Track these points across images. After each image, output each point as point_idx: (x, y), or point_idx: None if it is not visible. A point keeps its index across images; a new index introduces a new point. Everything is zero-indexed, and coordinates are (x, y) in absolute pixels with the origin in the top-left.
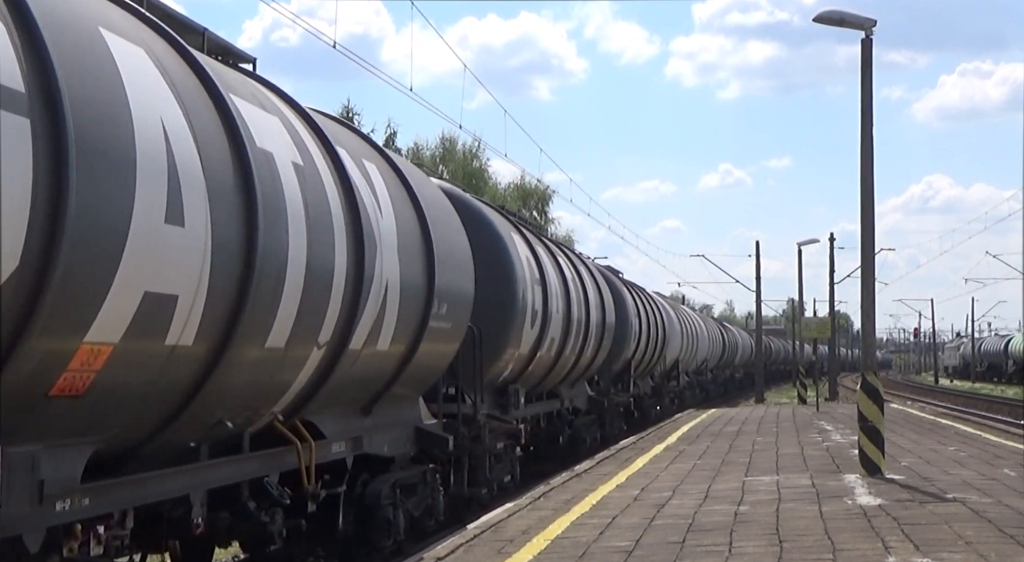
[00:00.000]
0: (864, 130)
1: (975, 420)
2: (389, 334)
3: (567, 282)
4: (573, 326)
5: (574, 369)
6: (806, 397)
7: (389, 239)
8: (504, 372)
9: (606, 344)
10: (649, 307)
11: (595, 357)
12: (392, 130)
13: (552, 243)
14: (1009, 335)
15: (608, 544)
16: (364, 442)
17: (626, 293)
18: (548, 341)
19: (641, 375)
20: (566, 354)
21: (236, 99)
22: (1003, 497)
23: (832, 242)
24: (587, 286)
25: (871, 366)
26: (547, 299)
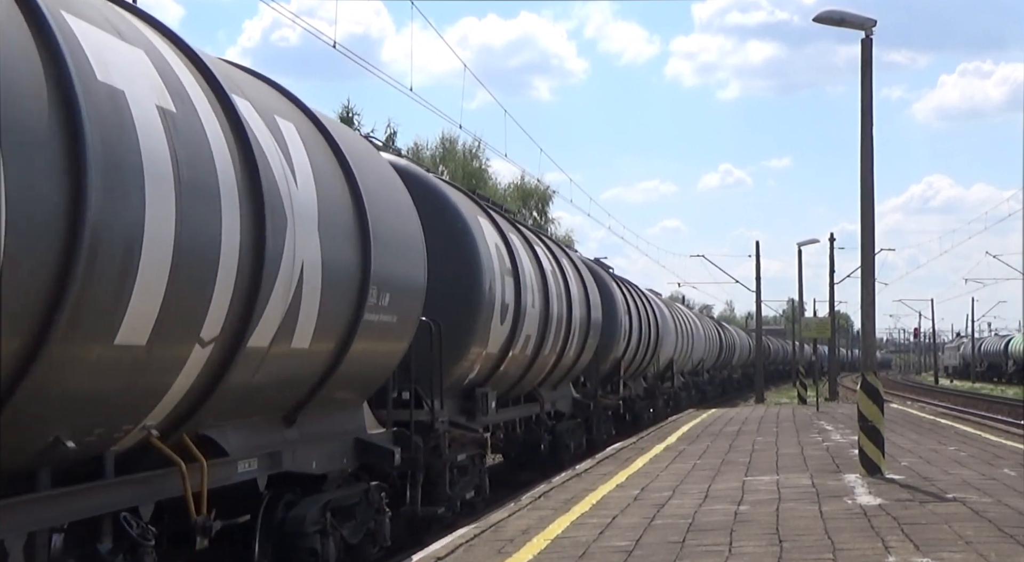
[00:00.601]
0: (864, 130)
1: (975, 420)
2: (308, 329)
3: (546, 275)
4: (552, 323)
5: (555, 370)
6: (806, 397)
7: (306, 213)
8: (470, 374)
9: (592, 343)
10: (641, 304)
11: (579, 357)
12: (392, 130)
13: (531, 231)
14: (1009, 335)
15: (608, 544)
16: (284, 458)
17: (615, 289)
18: (522, 339)
19: (632, 376)
20: (544, 353)
21: (74, 19)
22: (1003, 497)
23: (832, 242)
24: (570, 280)
25: (871, 366)
26: (520, 292)
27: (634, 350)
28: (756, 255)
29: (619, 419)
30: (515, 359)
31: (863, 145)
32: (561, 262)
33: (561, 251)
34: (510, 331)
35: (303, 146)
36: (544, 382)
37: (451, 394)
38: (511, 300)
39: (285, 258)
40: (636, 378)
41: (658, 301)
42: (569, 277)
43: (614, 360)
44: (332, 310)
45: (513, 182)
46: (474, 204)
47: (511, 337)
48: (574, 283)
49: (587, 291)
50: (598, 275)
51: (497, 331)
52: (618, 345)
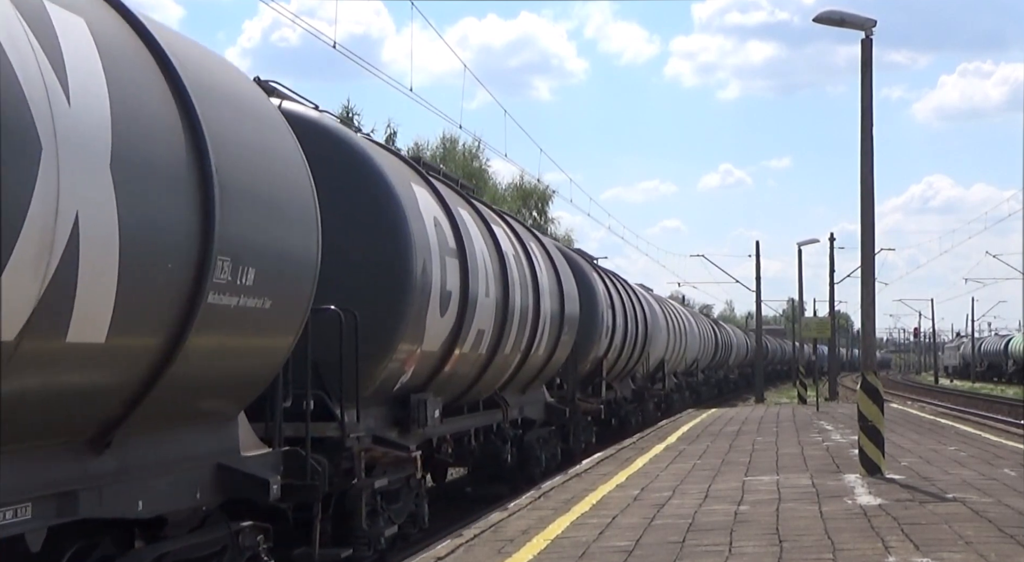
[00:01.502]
0: (864, 130)
1: (975, 420)
2: (102, 315)
3: (505, 259)
4: (514, 315)
5: (521, 371)
6: (806, 397)
7: (85, 143)
8: (401, 376)
9: (567, 340)
10: (627, 299)
11: (552, 356)
12: (392, 130)
13: (491, 208)
14: (1009, 335)
15: (608, 544)
16: (83, 502)
17: (596, 280)
18: (472, 334)
19: (618, 377)
20: (505, 352)
21: None
22: (1003, 497)
23: (832, 242)
24: (539, 267)
25: (871, 366)
26: (468, 277)
27: (618, 349)
28: (756, 255)
29: (605, 424)
30: (464, 358)
31: (863, 145)
32: (528, 246)
33: (530, 234)
34: (455, 324)
35: (95, 50)
36: (508, 385)
37: (377, 402)
38: (455, 287)
39: (40, 212)
40: (623, 379)
41: (648, 296)
42: (538, 264)
43: (595, 360)
44: (147, 289)
45: (513, 182)
46: (410, 169)
47: (456, 331)
48: (544, 271)
49: (560, 281)
50: (575, 264)
51: (436, 324)
52: (599, 343)
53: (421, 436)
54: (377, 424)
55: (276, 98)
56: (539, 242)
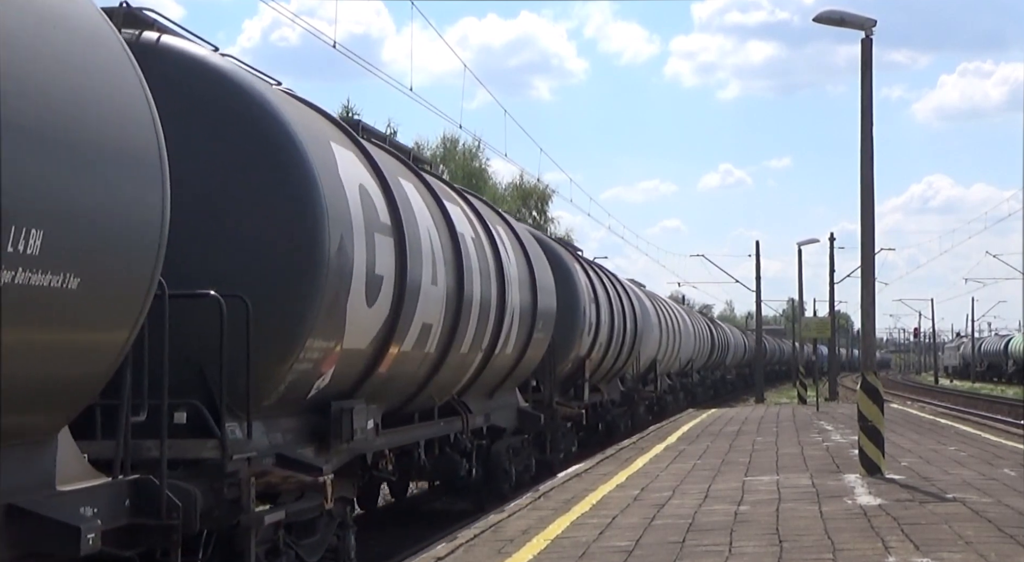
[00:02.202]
0: (864, 130)
1: (975, 420)
2: None
3: (461, 241)
4: (471, 308)
5: (484, 373)
6: (806, 397)
7: None
8: (318, 380)
9: (541, 337)
10: (614, 294)
11: (523, 356)
12: (392, 130)
13: (449, 186)
14: (1009, 335)
15: (608, 544)
16: None
17: (577, 272)
18: (414, 329)
19: (605, 379)
20: (461, 351)
21: None
22: (1003, 497)
23: (832, 242)
24: (505, 253)
25: (871, 366)
26: (408, 260)
27: (604, 347)
28: (756, 255)
29: (591, 429)
30: (406, 358)
31: (863, 145)
32: (494, 230)
33: (497, 217)
34: (389, 317)
35: None
36: (470, 389)
37: (287, 412)
38: (388, 271)
39: None
40: (610, 381)
41: (639, 292)
42: (505, 250)
43: (576, 360)
44: None
45: (513, 182)
46: (335, 128)
47: (391, 326)
48: (513, 258)
49: (533, 271)
50: (553, 253)
51: (362, 316)
52: (581, 341)
53: (346, 452)
54: (288, 439)
55: (155, 32)
56: (508, 226)
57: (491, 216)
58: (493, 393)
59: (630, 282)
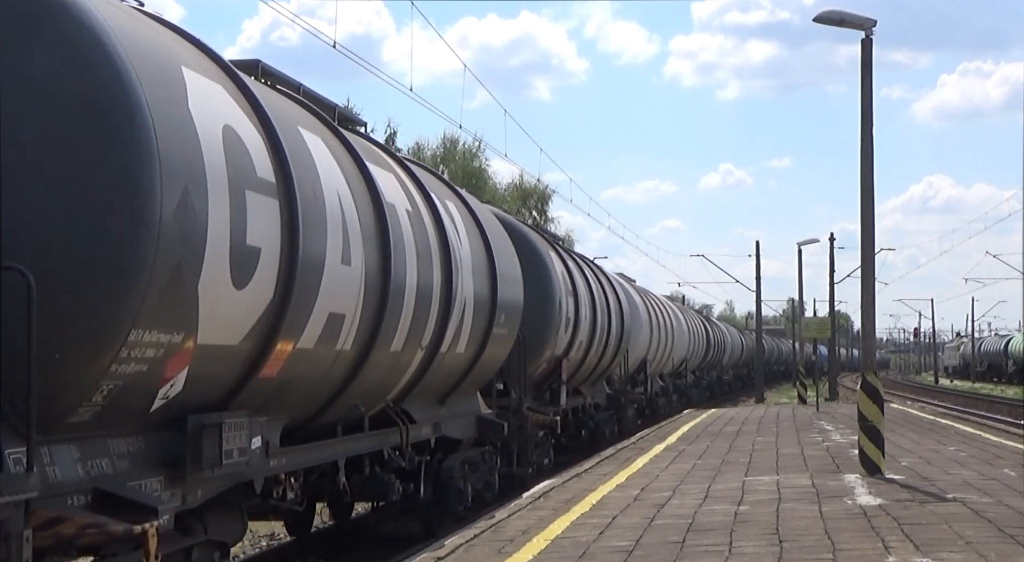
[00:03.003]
0: (864, 130)
1: (975, 420)
2: None
3: (387, 213)
4: (403, 296)
5: (428, 375)
6: (806, 397)
7: None
8: (162, 387)
9: (503, 334)
10: (597, 287)
11: (480, 355)
12: (392, 130)
13: (379, 145)
14: (1009, 335)
15: (608, 544)
16: None
17: (552, 261)
18: (318, 320)
19: (589, 380)
20: (392, 348)
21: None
22: (1003, 497)
23: (832, 242)
24: (455, 232)
25: (871, 366)
26: (299, 229)
27: (584, 346)
28: (756, 255)
29: (573, 436)
30: (305, 357)
31: (863, 145)
32: (440, 204)
33: (447, 190)
34: (274, 303)
35: None
36: (411, 395)
37: (120, 431)
38: (270, 242)
39: None
40: (595, 383)
41: (627, 287)
42: (455, 229)
43: (551, 360)
44: None
45: (513, 182)
46: (199, 54)
47: (279, 314)
48: (466, 240)
49: (493, 256)
50: (522, 238)
51: (226, 301)
52: (556, 338)
53: (218, 481)
54: (122, 468)
55: None
56: (462, 202)
57: (438, 188)
58: (445, 399)
59: (619, 277)
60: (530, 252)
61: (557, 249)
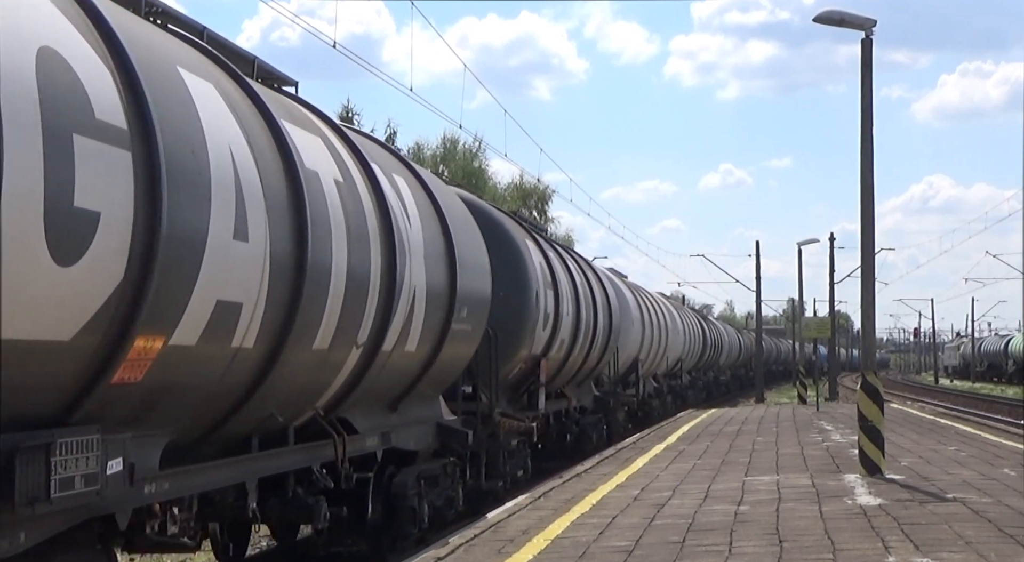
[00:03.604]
0: (864, 130)
1: (975, 420)
2: None
3: (305, 180)
4: (328, 282)
5: (367, 377)
6: (806, 397)
7: None
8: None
9: (465, 330)
10: (582, 281)
11: (437, 354)
12: (392, 130)
13: (308, 106)
14: (1009, 335)
15: (608, 544)
16: None
17: (527, 251)
18: (198, 310)
19: (573, 381)
20: (315, 345)
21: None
22: (1003, 497)
23: (832, 242)
24: (399, 208)
25: (871, 366)
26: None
27: (567, 345)
28: (756, 255)
29: (558, 440)
30: (187, 356)
31: (863, 145)
32: (383, 176)
33: (396, 161)
34: (123, 286)
35: None
36: (348, 400)
37: None
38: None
39: None
40: (581, 384)
41: (617, 282)
42: (401, 207)
43: (528, 359)
44: None
45: (513, 182)
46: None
47: (132, 302)
48: (416, 220)
49: (451, 240)
50: (491, 222)
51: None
52: (533, 336)
53: (46, 522)
54: None
55: None
56: (414, 177)
57: (385, 160)
58: (396, 405)
59: (609, 271)
60: (502, 239)
61: (536, 238)
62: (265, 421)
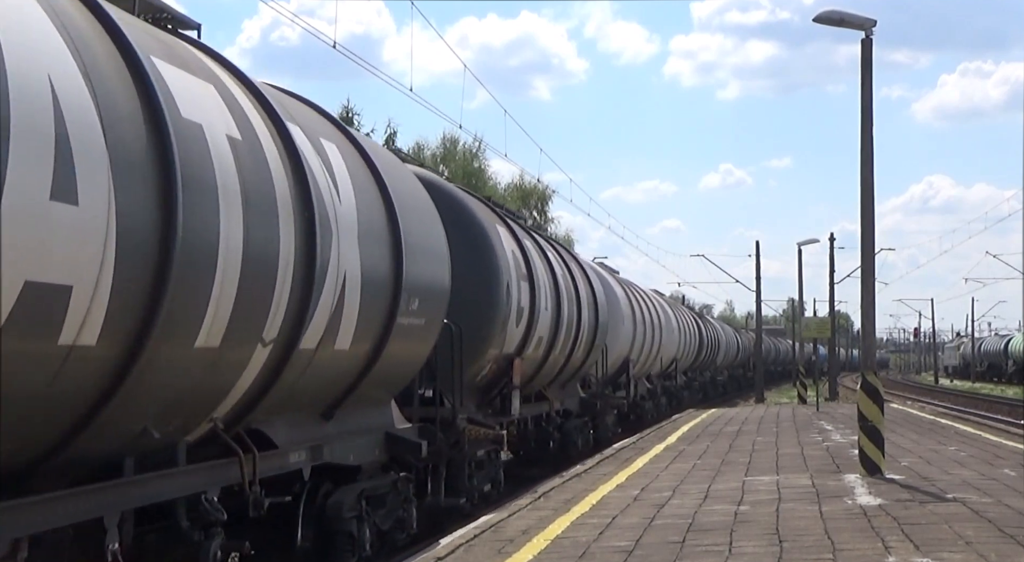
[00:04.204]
0: (864, 130)
1: (975, 420)
2: None
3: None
4: (206, 261)
5: (282, 382)
6: (806, 397)
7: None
8: None
9: (415, 324)
10: (564, 273)
11: (379, 352)
12: (392, 130)
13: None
14: (1009, 335)
15: (608, 544)
16: None
17: (497, 237)
18: None
19: (556, 383)
20: (198, 343)
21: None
22: (1003, 497)
23: (832, 242)
24: (326, 181)
25: (871, 366)
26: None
27: (546, 342)
28: (756, 255)
29: (541, 446)
30: None
31: (863, 145)
32: (302, 135)
33: (327, 125)
34: None
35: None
36: (258, 409)
37: None
38: None
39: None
40: (565, 385)
41: (606, 276)
42: (325, 172)
43: (499, 359)
44: None
45: (513, 182)
46: None
47: None
48: (344, 192)
49: (395, 218)
50: (452, 201)
51: None
52: (506, 332)
53: None
54: None
55: None
56: (352, 143)
57: (308, 119)
58: (332, 412)
59: (599, 266)
60: (466, 223)
61: (510, 224)
62: (138, 438)
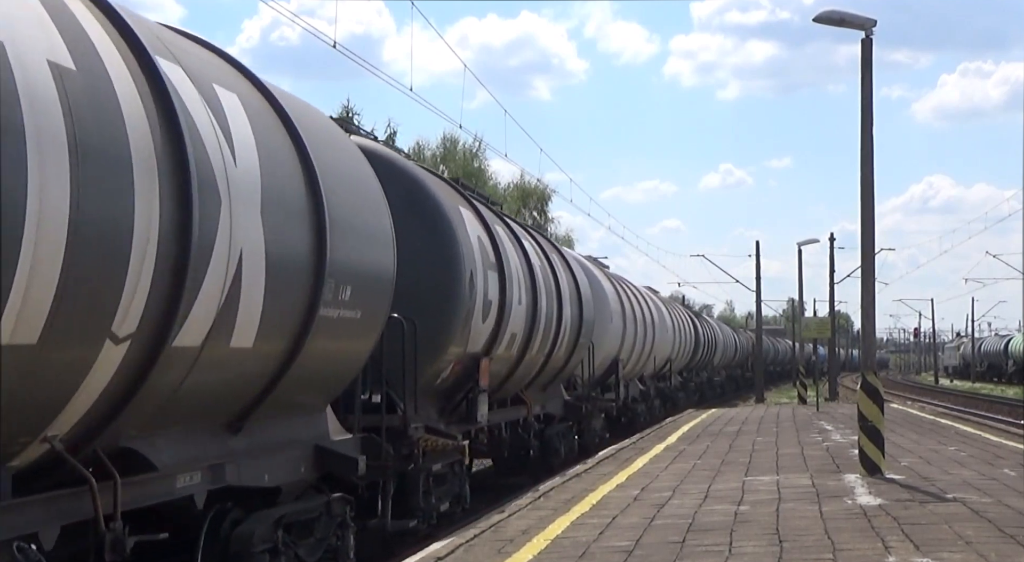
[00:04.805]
0: (864, 130)
1: (975, 420)
2: None
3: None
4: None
5: (144, 388)
6: (806, 397)
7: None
8: None
9: (352, 317)
10: (543, 264)
11: (296, 349)
12: (392, 130)
13: None
14: (1009, 335)
15: (608, 544)
16: None
17: (459, 220)
18: None
19: (536, 385)
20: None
21: None
22: (1003, 497)
23: (832, 242)
24: (213, 133)
25: (871, 366)
26: None
27: (521, 340)
28: (756, 255)
29: (515, 456)
30: None
31: (863, 145)
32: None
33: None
34: None
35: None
36: (119, 420)
37: None
38: None
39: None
40: (547, 388)
41: (593, 269)
42: (211, 122)
43: (464, 359)
44: None
45: (513, 182)
46: None
47: None
48: (241, 149)
49: (317, 188)
50: (402, 175)
51: None
52: (470, 329)
53: None
54: None
55: None
56: (263, 95)
57: (198, 61)
58: (240, 423)
59: (587, 259)
60: (419, 201)
61: (477, 206)
62: None
